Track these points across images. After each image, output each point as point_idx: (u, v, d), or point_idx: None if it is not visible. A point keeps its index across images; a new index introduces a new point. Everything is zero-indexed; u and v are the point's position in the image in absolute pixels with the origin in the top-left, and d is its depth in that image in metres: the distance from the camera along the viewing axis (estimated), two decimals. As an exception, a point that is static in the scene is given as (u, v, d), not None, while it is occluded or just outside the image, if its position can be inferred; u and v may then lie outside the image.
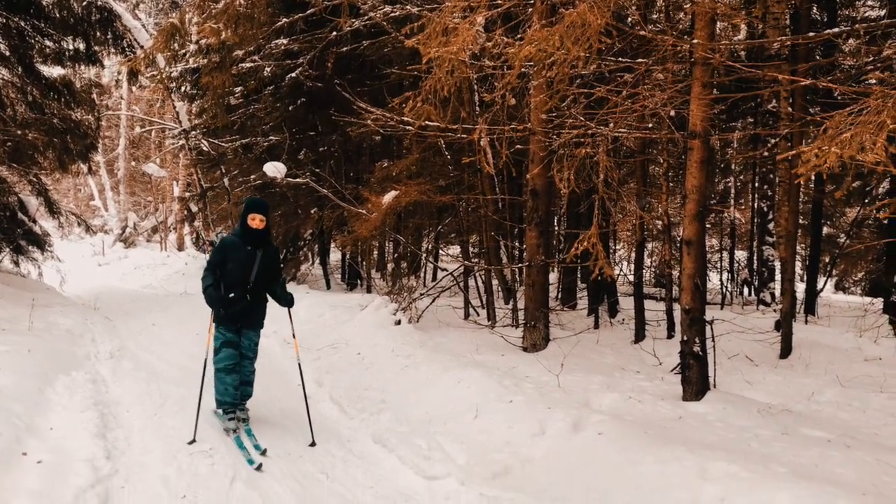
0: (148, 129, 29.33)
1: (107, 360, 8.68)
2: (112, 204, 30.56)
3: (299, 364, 6.77)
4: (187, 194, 22.98)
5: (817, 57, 9.36)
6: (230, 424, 6.07)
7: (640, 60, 6.27)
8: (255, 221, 6.29)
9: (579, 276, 14.34)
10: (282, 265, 6.89)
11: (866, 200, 14.94)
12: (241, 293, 6.24)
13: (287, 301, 6.58)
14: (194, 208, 21.31)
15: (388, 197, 9.92)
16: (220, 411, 6.25)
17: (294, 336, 7.06)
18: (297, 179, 12.71)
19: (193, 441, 5.66)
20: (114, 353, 9.04)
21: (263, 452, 5.55)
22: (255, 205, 6.40)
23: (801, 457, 5.14)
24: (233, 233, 6.46)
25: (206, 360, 6.43)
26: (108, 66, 23.84)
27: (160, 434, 5.91)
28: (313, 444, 5.94)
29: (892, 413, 6.69)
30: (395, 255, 16.01)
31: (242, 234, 6.31)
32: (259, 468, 5.23)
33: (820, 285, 13.97)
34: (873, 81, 4.08)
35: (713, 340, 7.47)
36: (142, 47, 16.00)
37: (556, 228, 16.20)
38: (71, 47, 13.15)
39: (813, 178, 13.67)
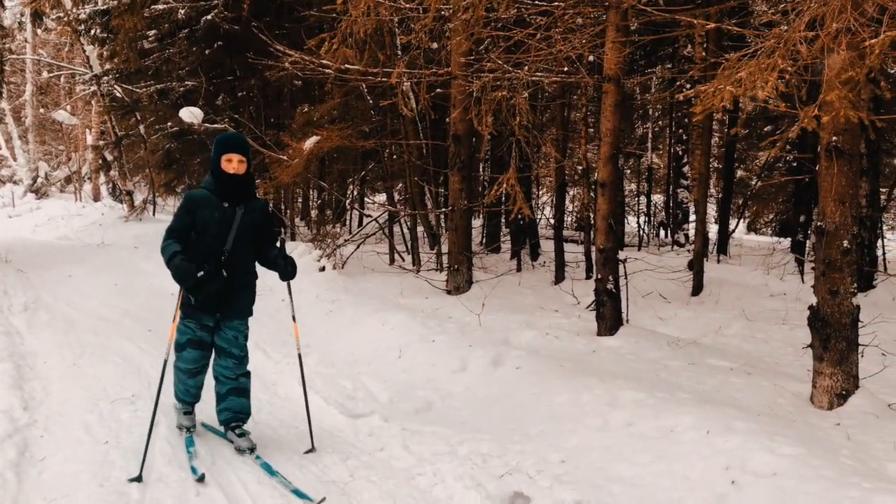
0: (57, 75, 28.00)
1: (21, 312, 8.46)
2: (21, 153, 29.19)
3: (299, 355, 5.10)
4: (101, 142, 22.11)
5: (731, 1, 9.59)
6: (185, 421, 4.76)
7: (556, 4, 6.35)
8: (234, 163, 4.50)
9: (503, 220, 14.54)
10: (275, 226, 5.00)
11: (776, 143, 15.50)
12: (213, 269, 4.51)
13: (285, 270, 4.75)
14: (109, 157, 20.54)
15: (310, 142, 9.83)
16: (178, 404, 4.89)
17: (294, 318, 5.18)
18: (216, 125, 12.43)
19: (139, 479, 4.11)
20: (28, 305, 8.82)
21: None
22: (231, 140, 4.59)
23: (705, 384, 5.46)
24: (203, 183, 4.69)
25: (165, 360, 4.60)
26: (10, 7, 22.52)
27: (80, 383, 5.85)
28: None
29: (791, 343, 7.12)
30: (319, 202, 15.90)
31: (216, 185, 4.56)
32: None
33: (732, 226, 14.54)
34: (785, 27, 4.27)
35: (626, 278, 7.76)
36: (45, -14, 15.19)
37: (481, 174, 16.33)
38: (-33, -14, 12.40)
39: (727, 121, 14.11)
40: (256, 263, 4.89)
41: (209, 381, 4.86)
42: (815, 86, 4.47)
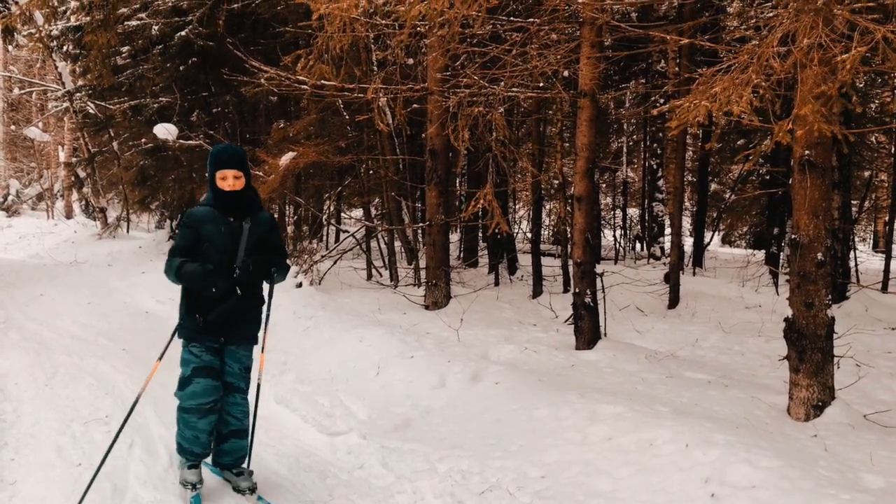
0: (28, 91, 27.71)
1: (-9, 332, 8.32)
2: (-9, 171, 28.83)
3: (259, 384, 4.55)
4: (74, 159, 21.87)
5: (704, 17, 9.73)
6: (190, 476, 4.18)
7: (531, 20, 6.39)
8: (228, 180, 4.15)
9: (480, 234, 14.57)
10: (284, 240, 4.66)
11: (750, 157, 15.70)
12: (225, 286, 4.13)
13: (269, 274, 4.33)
14: (82, 174, 20.31)
15: (286, 158, 9.79)
16: (181, 458, 4.27)
17: (262, 349, 4.53)
18: (191, 142, 12.36)
19: None
20: (-1, 324, 8.68)
21: None
22: (223, 156, 4.21)
23: (683, 397, 5.47)
24: (203, 200, 4.37)
25: (136, 398, 4.30)
26: (-19, 24, 22.26)
27: (52, 404, 5.74)
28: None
29: (767, 355, 7.17)
30: (296, 217, 15.84)
31: (216, 202, 4.21)
32: None
33: (707, 239, 14.67)
34: (755, 42, 4.33)
35: (604, 292, 7.79)
36: (16, 3, 15.05)
37: (458, 189, 16.37)
38: (-64, 1, 12.26)
39: (700, 135, 14.27)
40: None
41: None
42: (788, 100, 4.54)
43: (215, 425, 4.29)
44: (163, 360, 4.32)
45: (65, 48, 16.74)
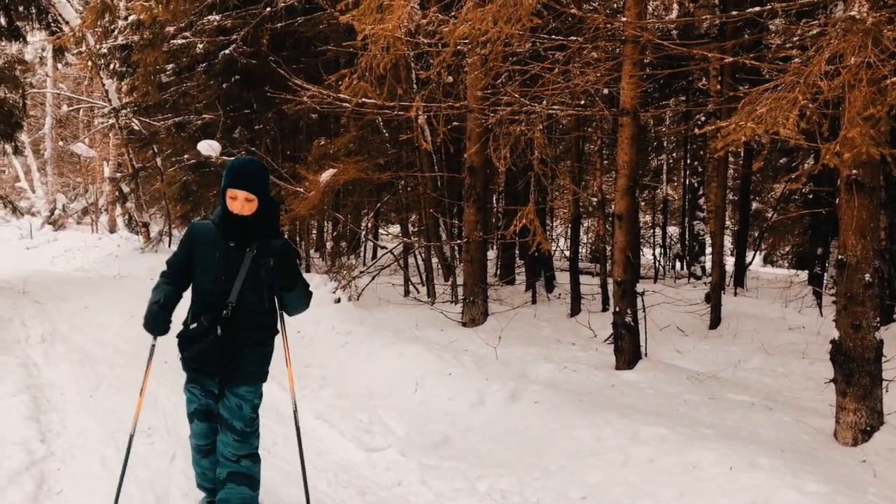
0: (76, 108, 28.43)
1: (38, 343, 8.50)
2: (39, 185, 29.57)
3: (294, 410, 4.25)
4: (118, 175, 22.34)
5: (745, 35, 9.66)
6: None
7: (572, 38, 6.40)
8: (238, 202, 3.58)
9: (517, 252, 14.54)
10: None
11: (792, 176, 15.48)
12: (209, 322, 3.65)
13: (296, 303, 3.95)
14: (126, 189, 20.73)
15: (326, 175, 9.90)
16: (200, 493, 4.24)
17: (288, 363, 4.25)
18: (233, 158, 12.54)
19: None
20: (45, 336, 8.86)
21: None
22: (238, 173, 3.58)
23: (727, 419, 5.39)
24: (213, 214, 3.80)
25: (132, 431, 4.03)
26: (32, 43, 22.96)
27: (96, 416, 5.85)
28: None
29: (812, 377, 7.03)
30: (335, 233, 15.96)
31: (222, 220, 3.68)
32: None
33: (749, 258, 14.48)
34: (798, 60, 4.29)
35: (644, 311, 7.72)
36: (66, 22, 15.51)
37: (495, 206, 16.37)
38: (-9, 22, 12.67)
39: (742, 153, 14.12)
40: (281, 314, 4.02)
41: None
42: (835, 119, 4.48)
43: (214, 468, 4.01)
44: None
45: (112, 66, 17.14)
